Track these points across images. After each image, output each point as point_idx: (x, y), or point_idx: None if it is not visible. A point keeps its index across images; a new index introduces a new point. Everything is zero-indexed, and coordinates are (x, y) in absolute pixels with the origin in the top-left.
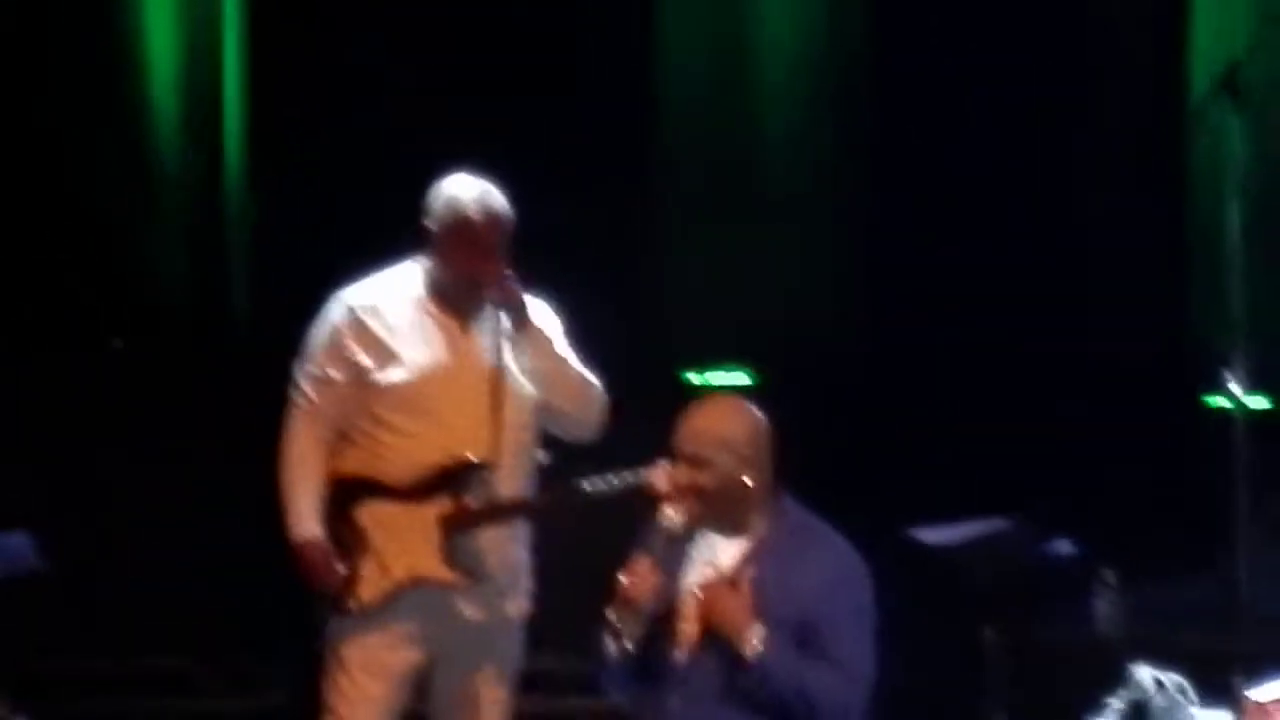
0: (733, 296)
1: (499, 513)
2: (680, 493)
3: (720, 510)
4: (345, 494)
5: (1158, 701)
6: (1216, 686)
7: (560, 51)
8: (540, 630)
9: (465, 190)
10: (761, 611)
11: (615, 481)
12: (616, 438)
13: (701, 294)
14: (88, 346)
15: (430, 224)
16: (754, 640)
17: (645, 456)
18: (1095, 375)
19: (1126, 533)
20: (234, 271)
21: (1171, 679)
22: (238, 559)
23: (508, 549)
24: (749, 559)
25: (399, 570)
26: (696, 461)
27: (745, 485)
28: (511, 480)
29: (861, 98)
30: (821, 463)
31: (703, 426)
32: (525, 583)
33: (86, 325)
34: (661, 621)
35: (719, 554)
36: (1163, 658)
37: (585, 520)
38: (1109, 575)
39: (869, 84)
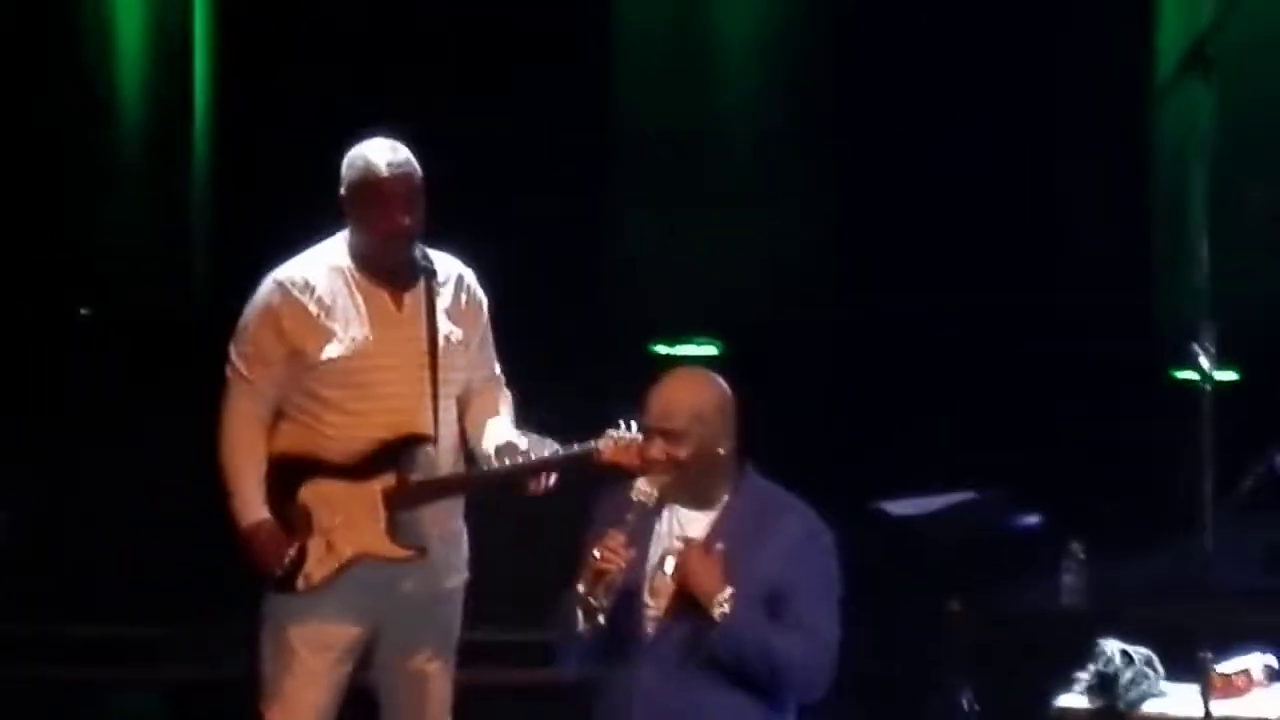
0: (701, 271)
1: (444, 487)
2: (655, 466)
3: (692, 482)
4: (287, 474)
5: (1125, 675)
6: (1184, 660)
7: (522, 38)
8: (485, 602)
9: (370, 150)
10: (730, 580)
11: (560, 453)
12: (588, 410)
13: (670, 269)
14: (53, 316)
15: (343, 192)
16: (723, 603)
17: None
18: (1063, 349)
19: (1094, 506)
20: (196, 240)
21: (1139, 652)
22: (201, 528)
23: (447, 521)
24: (717, 529)
25: (346, 548)
26: (670, 435)
27: (718, 456)
28: (450, 453)
29: (824, 76)
30: (789, 435)
31: (674, 399)
32: (464, 553)
33: (51, 295)
34: (630, 595)
35: (686, 527)
36: (1130, 631)
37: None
38: (1076, 548)
39: (832, 62)
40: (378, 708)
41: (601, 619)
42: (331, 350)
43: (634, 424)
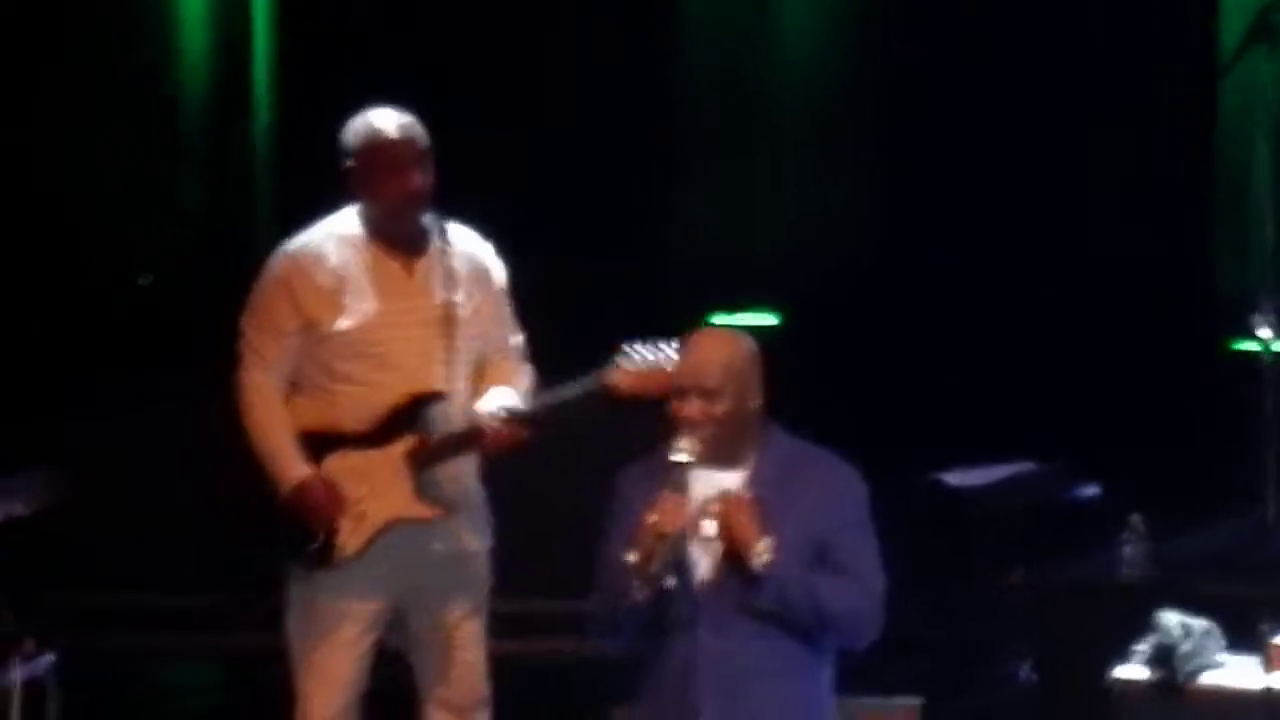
0: (758, 241)
1: (465, 440)
2: (695, 426)
3: (725, 441)
4: (308, 451)
5: (1184, 646)
6: (1244, 632)
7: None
8: (513, 573)
9: (374, 117)
10: (769, 531)
11: (575, 388)
12: None
13: (727, 239)
14: (116, 282)
15: (350, 163)
16: (764, 553)
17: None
18: (1124, 320)
19: (1154, 477)
20: (259, 208)
21: (1198, 624)
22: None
23: (466, 482)
24: (751, 486)
25: (378, 515)
26: (707, 393)
27: (750, 413)
28: (466, 408)
29: (882, 27)
30: (846, 405)
31: (707, 357)
32: (486, 515)
33: (115, 262)
34: (677, 559)
35: (717, 487)
36: (1190, 603)
37: (553, 434)
38: (1136, 520)
39: (890, 13)
40: (412, 675)
41: (666, 582)
42: (344, 322)
43: (640, 348)
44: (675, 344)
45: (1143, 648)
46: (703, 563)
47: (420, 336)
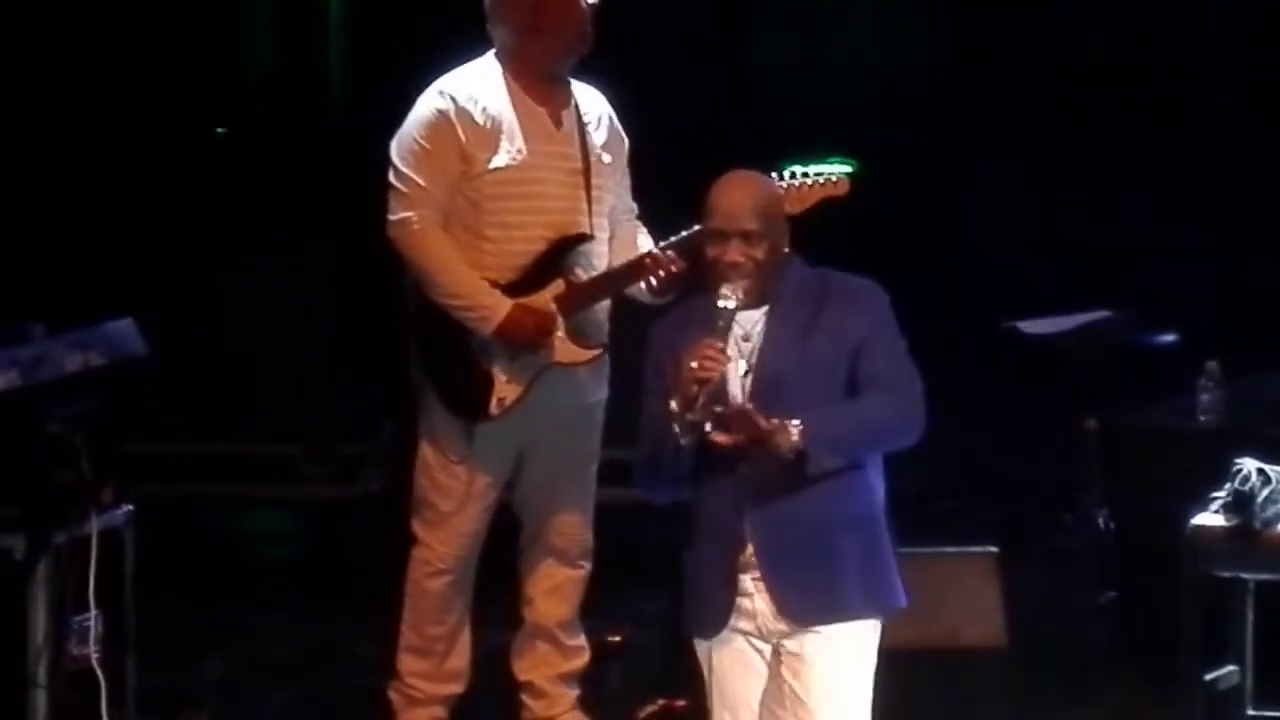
0: (827, 83)
1: (611, 279)
2: (737, 269)
3: (761, 283)
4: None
5: (1261, 493)
6: None
7: None
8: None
9: None
10: (806, 371)
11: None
12: None
13: (796, 83)
14: (193, 135)
15: (502, 12)
16: (795, 437)
17: None
18: (1199, 165)
19: (1231, 322)
20: (331, 60)
21: (1276, 471)
22: (342, 346)
23: (607, 325)
24: (777, 317)
25: (533, 363)
26: (747, 236)
27: (783, 254)
28: (605, 253)
29: None
30: (923, 254)
31: (742, 200)
32: (607, 368)
33: (191, 114)
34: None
35: (746, 326)
36: (1267, 449)
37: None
38: (1213, 366)
39: None
40: (516, 523)
41: (708, 427)
42: (498, 160)
43: (791, 171)
44: (824, 168)
45: (1220, 495)
46: (754, 404)
47: (567, 182)
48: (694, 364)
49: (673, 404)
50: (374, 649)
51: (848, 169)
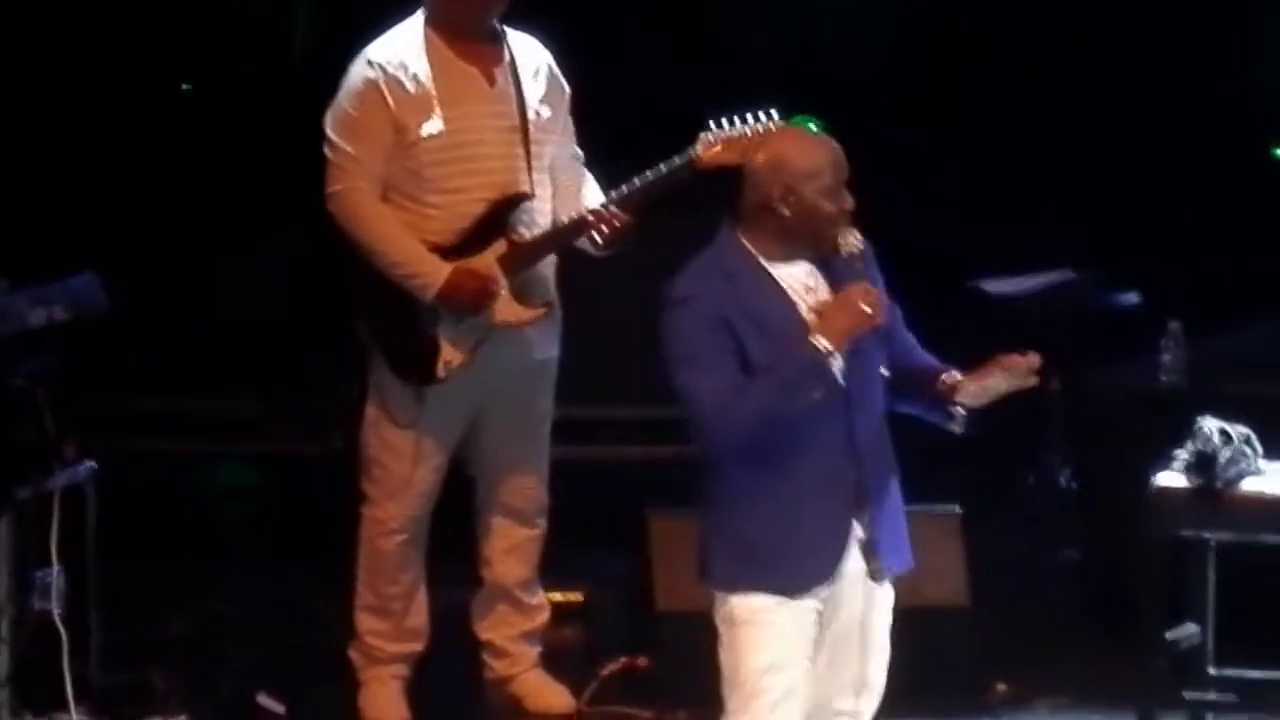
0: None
1: (553, 237)
2: (850, 217)
3: None
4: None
5: (1224, 453)
6: None
7: None
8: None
9: None
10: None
11: (660, 170)
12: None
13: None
14: (157, 90)
15: None
16: (877, 305)
17: None
18: (1162, 126)
19: (1193, 283)
20: (298, 13)
21: (1238, 430)
22: (304, 303)
23: (552, 284)
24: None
25: (480, 324)
26: (831, 192)
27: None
28: (547, 210)
29: None
30: (887, 212)
31: (839, 153)
32: (557, 326)
33: (155, 70)
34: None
35: (802, 278)
36: (1229, 409)
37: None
38: (1175, 326)
39: None
40: (471, 484)
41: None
42: (432, 126)
43: (725, 121)
44: (759, 114)
45: (1182, 454)
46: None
47: (505, 140)
48: (867, 309)
49: (819, 342)
50: (337, 608)
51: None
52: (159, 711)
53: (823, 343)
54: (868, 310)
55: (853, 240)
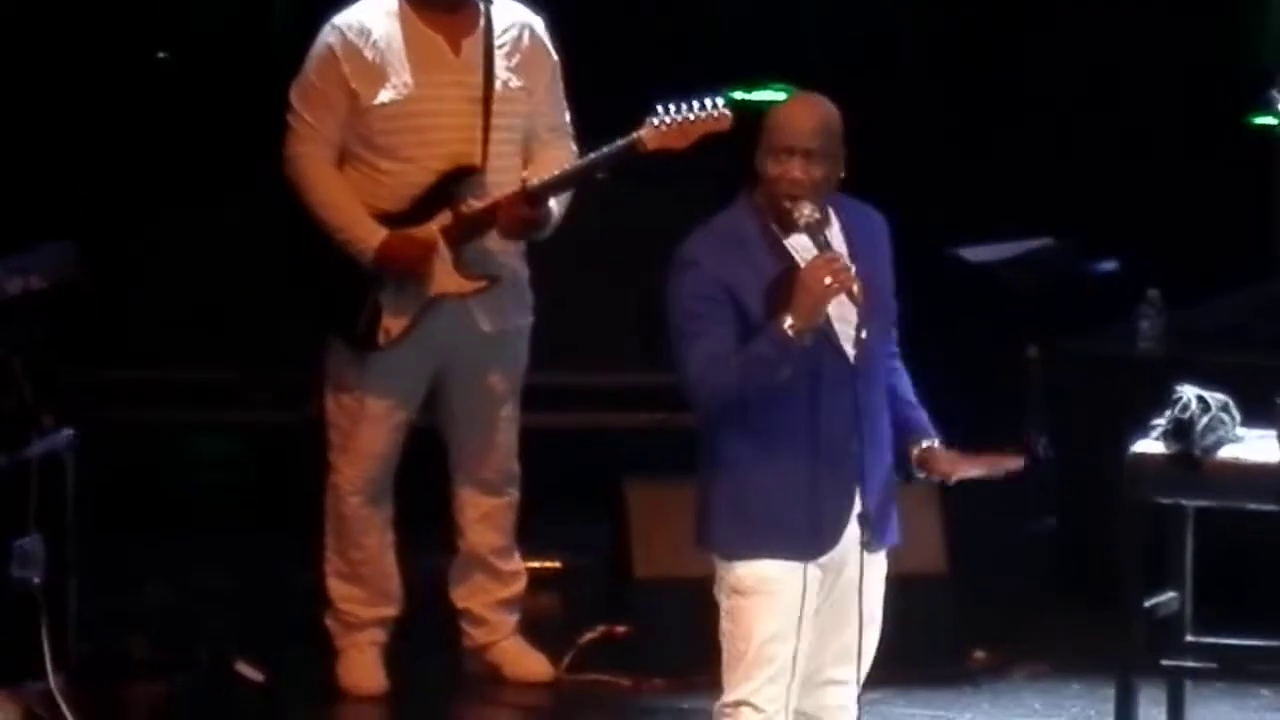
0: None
1: (486, 217)
2: (795, 186)
3: (815, 202)
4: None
5: (1201, 420)
6: (1260, 406)
7: None
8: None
9: None
10: (885, 288)
11: (602, 153)
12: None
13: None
14: (133, 59)
15: None
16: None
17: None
18: (1141, 93)
19: (1171, 251)
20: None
21: (1216, 398)
22: (281, 271)
23: (510, 257)
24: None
25: (420, 293)
26: (808, 154)
27: (838, 180)
28: (505, 182)
29: None
30: (865, 178)
31: (807, 118)
32: (527, 293)
33: (132, 38)
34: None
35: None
36: (1207, 376)
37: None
38: (1153, 294)
39: None
40: (445, 451)
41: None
42: (385, 95)
43: (674, 107)
44: (705, 102)
45: (1160, 422)
46: (842, 317)
47: (461, 112)
48: (826, 279)
49: (788, 322)
50: (314, 576)
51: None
52: (137, 679)
53: (788, 322)
54: (828, 281)
55: (805, 210)
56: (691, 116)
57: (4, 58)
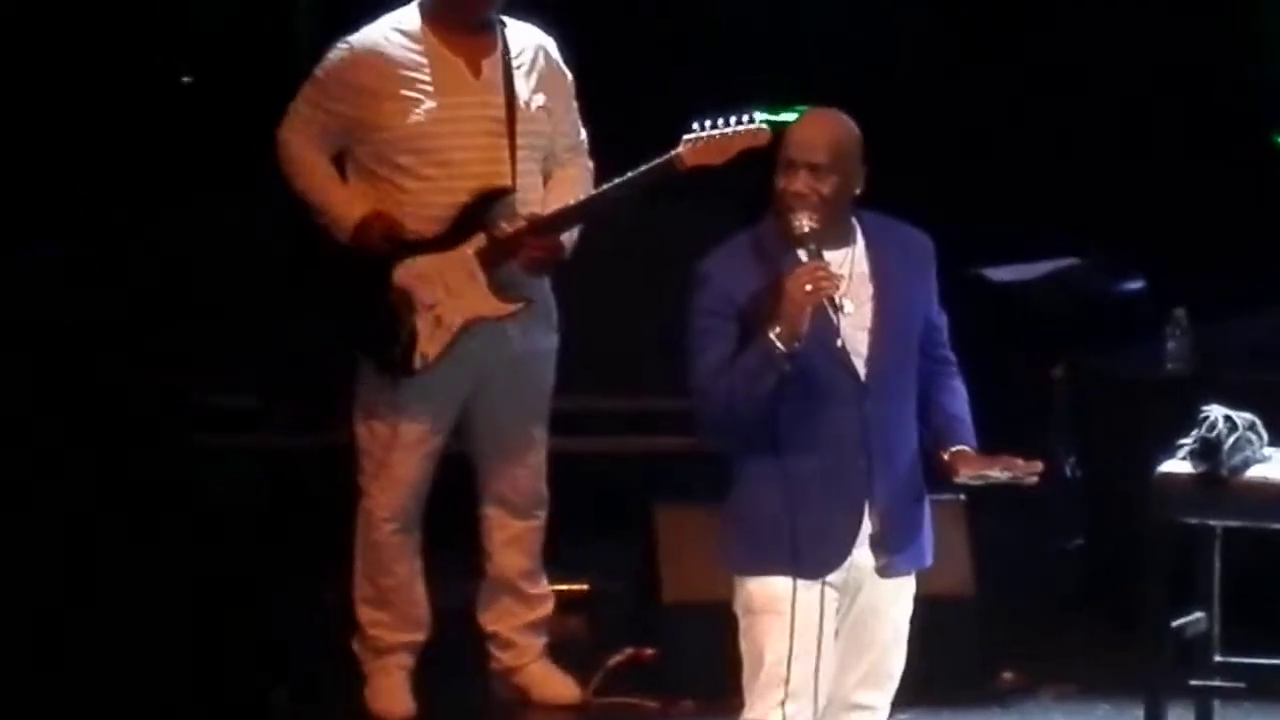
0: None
1: (532, 231)
2: (801, 200)
3: (828, 221)
4: (377, 261)
5: (1228, 440)
6: None
7: None
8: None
9: None
10: (912, 313)
11: (642, 169)
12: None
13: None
14: (157, 81)
15: None
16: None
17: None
18: (1166, 114)
19: (1198, 270)
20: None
21: (1243, 417)
22: (308, 294)
23: (536, 280)
24: (875, 259)
25: (456, 317)
26: (815, 169)
27: (851, 196)
28: (532, 201)
29: None
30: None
31: (817, 133)
32: (553, 315)
33: (156, 61)
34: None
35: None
36: (1234, 396)
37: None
38: (1180, 313)
39: None
40: (473, 475)
41: (797, 349)
42: (399, 119)
43: (709, 122)
44: (742, 117)
45: (1187, 441)
46: (856, 335)
47: (483, 133)
48: (807, 286)
49: (773, 333)
50: (340, 601)
51: (765, 119)
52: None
53: (775, 330)
54: (809, 288)
55: (801, 221)
56: (729, 131)
57: (4, 58)
